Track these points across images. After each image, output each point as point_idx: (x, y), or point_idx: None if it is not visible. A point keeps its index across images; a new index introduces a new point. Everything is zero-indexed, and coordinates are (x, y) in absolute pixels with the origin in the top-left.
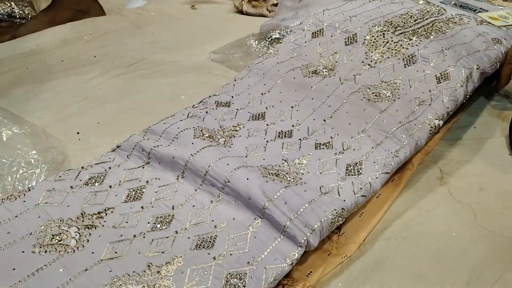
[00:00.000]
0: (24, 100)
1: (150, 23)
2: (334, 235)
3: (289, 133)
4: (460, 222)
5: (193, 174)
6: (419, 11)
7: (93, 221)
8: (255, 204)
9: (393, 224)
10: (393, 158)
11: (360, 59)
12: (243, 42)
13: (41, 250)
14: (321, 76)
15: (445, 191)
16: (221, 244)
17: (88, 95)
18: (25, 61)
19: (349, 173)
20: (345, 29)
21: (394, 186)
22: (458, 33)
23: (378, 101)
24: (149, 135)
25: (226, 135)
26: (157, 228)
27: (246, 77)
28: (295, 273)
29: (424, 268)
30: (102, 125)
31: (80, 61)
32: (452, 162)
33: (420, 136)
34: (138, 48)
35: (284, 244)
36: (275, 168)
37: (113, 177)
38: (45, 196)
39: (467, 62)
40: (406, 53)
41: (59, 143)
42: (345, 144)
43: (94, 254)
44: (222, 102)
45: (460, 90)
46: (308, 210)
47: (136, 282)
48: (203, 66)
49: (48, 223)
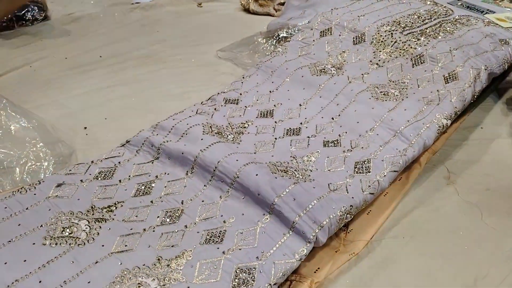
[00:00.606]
0: (30, 96)
1: (156, 21)
2: (342, 232)
3: (297, 130)
4: (467, 222)
5: (202, 169)
6: (427, 11)
7: (103, 215)
8: (264, 200)
9: (400, 223)
10: (401, 157)
11: (368, 58)
12: (251, 41)
13: (52, 243)
14: (329, 74)
15: (452, 191)
16: (230, 239)
17: (95, 92)
18: (28, 59)
19: (358, 171)
20: (353, 29)
21: (401, 184)
22: (465, 34)
23: (386, 100)
24: (159, 130)
25: (234, 131)
26: (167, 222)
27: (254, 75)
28: (303, 269)
29: (431, 266)
30: (109, 120)
31: (86, 58)
32: (459, 162)
33: (428, 135)
34: (144, 46)
35: (293, 239)
36: (283, 165)
37: (122, 171)
38: (56, 189)
39: (475, 62)
40: (414, 53)
41: (67, 137)
42: (353, 142)
43: (104, 247)
44: (230, 99)
45: (468, 90)
46: (317, 206)
47: (146, 275)
48: (210, 64)
49: (59, 216)
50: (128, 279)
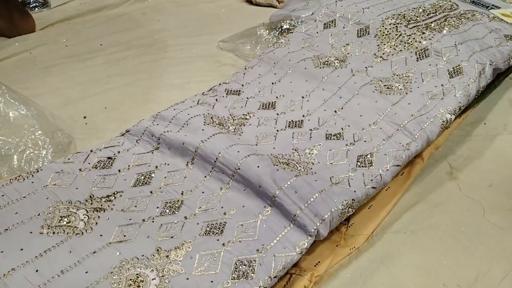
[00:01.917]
0: (29, 84)
1: (157, 10)
2: (343, 227)
3: (299, 123)
4: (469, 217)
5: (203, 160)
6: (432, 5)
7: (102, 204)
8: (266, 192)
9: (402, 217)
10: (404, 151)
11: (372, 51)
12: (253, 32)
13: (49, 231)
14: (332, 67)
15: (454, 186)
16: (230, 231)
17: (95, 81)
18: (28, 45)
19: (360, 165)
20: (358, 21)
21: (403, 179)
22: (470, 28)
23: (390, 93)
24: (159, 120)
25: (236, 123)
26: (166, 213)
27: (256, 66)
28: (303, 262)
29: (432, 261)
30: (109, 110)
31: (86, 46)
32: (461, 157)
33: (431, 130)
34: (145, 35)
35: (294, 233)
36: (285, 157)
37: (122, 161)
38: (54, 178)
39: (480, 57)
40: (419, 47)
41: (66, 125)
42: (356, 136)
43: (103, 236)
44: (232, 90)
45: (473, 85)
46: (318, 199)
47: (145, 265)
48: (212, 55)
49: (57, 205)
50: (127, 270)
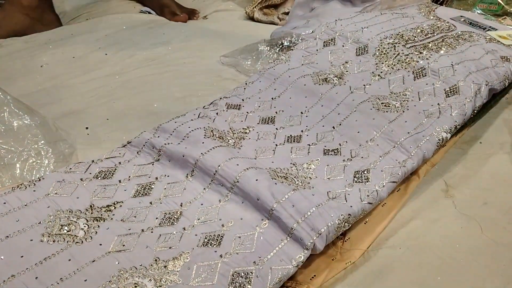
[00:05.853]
0: (32, 93)
1: (162, 24)
2: (339, 241)
3: (298, 138)
4: (464, 235)
5: (202, 173)
6: (429, 26)
7: (102, 214)
8: (263, 205)
9: (397, 233)
10: (400, 168)
11: (370, 69)
12: (254, 48)
13: (50, 239)
14: (331, 84)
15: (449, 204)
16: (228, 243)
17: (97, 92)
18: (35, 55)
19: (357, 180)
20: (357, 40)
21: (399, 195)
22: (467, 49)
23: (387, 111)
24: (160, 132)
25: (235, 136)
26: (165, 224)
27: (257, 81)
28: (299, 276)
29: (427, 278)
30: (111, 121)
31: (91, 58)
32: (457, 175)
33: (427, 148)
34: (149, 48)
35: (291, 246)
36: (283, 171)
37: (122, 172)
38: (55, 187)
39: (476, 77)
40: (416, 66)
41: (68, 136)
42: (354, 152)
43: (102, 246)
44: (232, 104)
45: (469, 105)
46: (315, 214)
47: (143, 275)
48: (213, 69)
49: (57, 213)
50: (125, 279)
